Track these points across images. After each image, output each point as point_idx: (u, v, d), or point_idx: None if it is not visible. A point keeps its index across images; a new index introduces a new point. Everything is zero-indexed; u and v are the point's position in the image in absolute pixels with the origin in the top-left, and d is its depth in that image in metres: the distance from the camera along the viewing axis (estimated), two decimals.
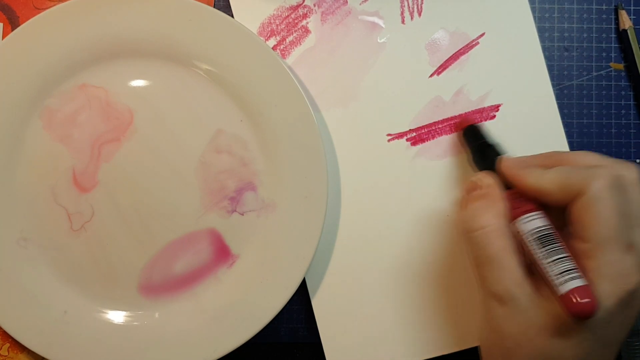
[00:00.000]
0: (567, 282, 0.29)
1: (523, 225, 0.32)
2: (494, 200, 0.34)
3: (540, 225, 0.32)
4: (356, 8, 0.43)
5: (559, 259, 0.31)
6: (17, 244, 0.41)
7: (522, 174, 0.34)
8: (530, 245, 0.32)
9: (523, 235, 0.32)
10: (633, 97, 0.44)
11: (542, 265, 0.31)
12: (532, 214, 0.32)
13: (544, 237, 0.32)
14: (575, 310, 0.29)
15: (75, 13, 0.40)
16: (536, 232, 0.32)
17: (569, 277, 0.30)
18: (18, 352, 0.43)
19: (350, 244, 0.42)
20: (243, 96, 0.41)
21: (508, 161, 0.35)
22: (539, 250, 0.31)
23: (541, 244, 0.31)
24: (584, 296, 0.29)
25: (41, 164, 0.41)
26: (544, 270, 0.31)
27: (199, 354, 0.40)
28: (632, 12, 0.44)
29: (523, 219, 0.33)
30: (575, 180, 0.31)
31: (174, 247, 0.41)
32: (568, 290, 0.29)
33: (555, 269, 0.30)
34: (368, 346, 0.42)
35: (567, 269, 0.30)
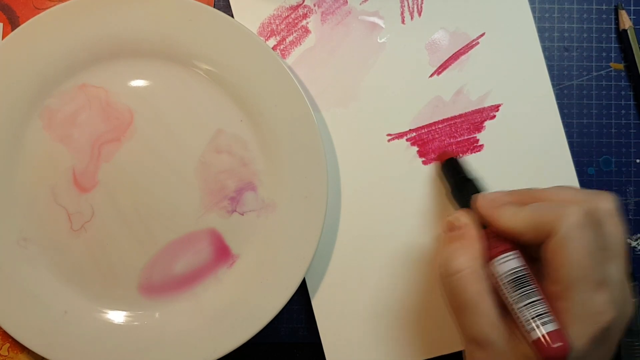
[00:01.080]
0: (539, 327, 0.30)
1: (498, 267, 0.32)
2: (469, 242, 0.33)
3: (514, 267, 0.32)
4: (356, 8, 0.43)
5: (531, 303, 0.31)
6: (17, 244, 0.41)
7: (495, 214, 0.33)
8: (504, 288, 0.32)
9: (498, 277, 0.32)
10: (633, 97, 0.44)
11: (514, 309, 0.31)
12: (507, 255, 0.32)
13: (516, 280, 0.31)
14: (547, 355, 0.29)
15: (75, 13, 0.40)
16: (509, 275, 0.32)
17: (541, 321, 0.30)
18: (18, 352, 0.43)
19: (350, 244, 0.42)
20: (243, 96, 0.41)
21: (482, 199, 0.34)
22: (513, 294, 0.31)
23: (514, 287, 0.31)
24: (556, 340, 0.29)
25: (41, 164, 0.41)
26: (517, 315, 0.31)
27: (199, 354, 0.40)
28: (632, 12, 0.44)
29: (498, 260, 0.32)
30: (545, 220, 0.31)
31: (174, 247, 0.41)
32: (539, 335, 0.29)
33: (527, 313, 0.30)
34: (368, 346, 0.42)
35: (538, 313, 0.30)
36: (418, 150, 0.43)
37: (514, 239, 0.33)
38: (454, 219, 0.35)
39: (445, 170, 0.40)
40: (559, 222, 0.30)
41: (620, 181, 0.44)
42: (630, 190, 0.44)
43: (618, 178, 0.44)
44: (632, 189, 0.44)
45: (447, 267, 0.33)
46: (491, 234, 0.33)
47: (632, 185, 0.44)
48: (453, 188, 0.39)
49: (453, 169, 0.40)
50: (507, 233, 0.33)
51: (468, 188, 0.37)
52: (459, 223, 0.34)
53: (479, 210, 0.34)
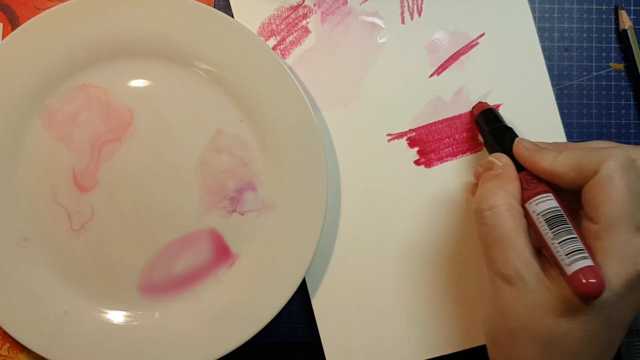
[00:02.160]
0: (575, 262, 0.29)
1: (534, 207, 0.33)
2: (507, 181, 0.34)
3: (551, 207, 0.32)
4: (356, 8, 0.43)
5: (568, 240, 0.31)
6: (17, 244, 0.41)
7: (536, 156, 0.34)
8: (540, 226, 0.32)
9: (534, 216, 0.32)
10: (633, 97, 0.44)
11: (550, 245, 0.31)
12: (544, 196, 0.33)
13: (553, 218, 0.32)
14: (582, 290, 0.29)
15: (75, 13, 0.40)
16: (546, 213, 0.32)
17: (577, 257, 0.30)
18: (18, 352, 0.43)
19: (350, 244, 0.42)
20: (243, 96, 0.41)
21: (523, 142, 0.35)
22: (549, 231, 0.31)
23: (550, 225, 0.31)
24: (592, 276, 0.29)
25: (41, 164, 0.41)
26: (553, 251, 0.31)
27: (199, 354, 0.40)
28: (632, 12, 0.44)
29: (534, 200, 0.33)
30: (589, 160, 0.32)
31: (174, 247, 0.41)
32: (576, 270, 0.29)
33: (563, 249, 0.30)
34: (368, 346, 0.42)
35: (575, 250, 0.30)
36: (418, 150, 0.43)
37: (554, 181, 0.33)
38: (494, 159, 0.36)
39: (482, 121, 0.40)
40: (603, 162, 0.31)
41: None
42: None
43: None
44: None
45: (484, 202, 0.33)
46: (528, 177, 0.34)
47: None
48: (490, 137, 0.39)
49: (489, 119, 0.40)
50: (548, 175, 0.33)
51: (505, 136, 0.37)
52: (497, 163, 0.35)
53: (519, 152, 0.35)
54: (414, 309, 0.42)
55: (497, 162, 0.35)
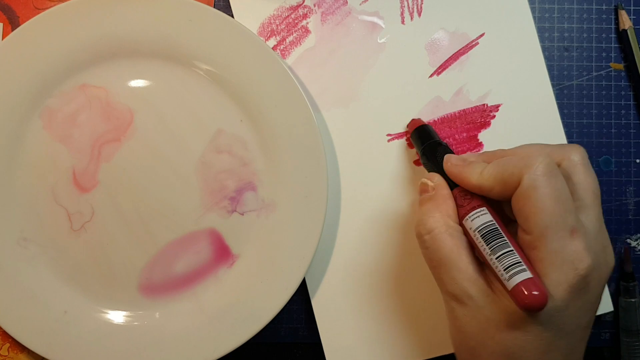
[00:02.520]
0: (514, 276, 0.29)
1: (470, 223, 0.33)
2: (441, 201, 0.34)
3: (485, 222, 0.32)
4: (356, 8, 0.43)
5: (505, 254, 0.30)
6: (17, 244, 0.41)
7: (463, 172, 0.34)
8: (478, 242, 0.32)
9: (471, 232, 0.32)
10: (633, 97, 0.44)
11: (490, 261, 0.31)
12: (478, 211, 0.33)
13: (488, 234, 0.32)
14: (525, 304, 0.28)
15: (75, 13, 0.40)
16: (482, 229, 0.32)
17: (516, 270, 0.29)
18: (18, 352, 0.43)
19: (350, 244, 0.42)
20: (243, 96, 0.41)
21: (451, 159, 0.35)
22: (485, 247, 0.31)
23: (487, 240, 0.31)
24: (532, 289, 0.28)
25: (41, 164, 0.41)
26: (493, 267, 0.31)
27: (199, 354, 0.40)
28: (632, 12, 0.44)
29: (470, 216, 0.33)
30: (510, 172, 0.31)
31: (174, 247, 0.41)
32: (516, 284, 0.29)
33: (501, 264, 0.30)
34: (368, 346, 0.42)
35: (512, 263, 0.30)
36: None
37: (484, 194, 0.33)
38: (426, 180, 0.35)
39: (416, 137, 0.40)
40: (524, 171, 0.30)
41: (620, 181, 0.44)
42: (630, 190, 0.44)
43: (618, 178, 0.44)
44: (632, 189, 0.44)
45: (422, 226, 0.33)
46: (462, 193, 0.34)
47: (632, 185, 0.44)
48: (424, 153, 0.39)
49: (424, 135, 0.40)
50: (477, 189, 0.33)
51: (438, 152, 0.37)
52: (429, 184, 0.35)
53: (450, 170, 0.35)
54: (414, 309, 0.42)
55: (429, 182, 0.35)
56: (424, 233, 0.33)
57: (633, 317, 0.42)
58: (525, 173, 0.30)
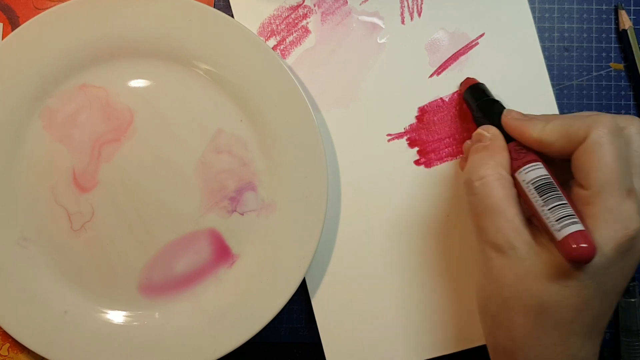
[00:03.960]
0: (565, 227, 0.29)
1: (524, 175, 0.33)
2: (495, 151, 0.34)
3: (540, 175, 0.32)
4: (356, 8, 0.43)
5: (558, 206, 0.30)
6: (17, 244, 0.41)
7: (524, 125, 0.34)
8: (530, 194, 0.32)
9: (523, 185, 0.32)
10: (633, 97, 0.44)
11: (541, 212, 0.31)
12: (533, 164, 0.33)
13: (543, 186, 0.32)
14: (573, 255, 0.28)
15: (75, 13, 0.40)
16: (536, 181, 0.32)
17: (567, 222, 0.30)
18: (18, 352, 0.43)
19: (350, 244, 0.42)
20: (243, 96, 0.41)
21: (512, 113, 0.35)
22: (539, 198, 0.31)
23: (540, 192, 0.31)
24: (582, 241, 0.29)
25: (41, 164, 0.41)
26: (543, 218, 0.31)
27: (199, 354, 0.40)
28: (632, 12, 0.44)
29: (524, 169, 0.33)
30: (577, 127, 0.32)
31: (174, 247, 0.41)
32: (566, 235, 0.29)
33: (553, 215, 0.30)
34: (368, 346, 0.42)
35: (565, 215, 0.30)
36: (418, 150, 0.43)
37: (543, 151, 0.33)
38: (483, 130, 0.36)
39: (471, 95, 0.40)
40: (591, 128, 0.31)
41: None
42: None
43: None
44: None
45: (473, 172, 0.33)
46: (517, 148, 0.34)
47: None
48: (478, 110, 0.39)
49: (477, 94, 0.40)
50: (537, 144, 0.33)
51: (494, 108, 0.37)
52: (487, 135, 0.35)
53: (507, 123, 0.35)
54: (414, 309, 0.42)
55: (485, 133, 0.35)
56: (475, 179, 0.33)
57: (633, 317, 0.42)
58: (592, 129, 0.31)
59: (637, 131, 0.32)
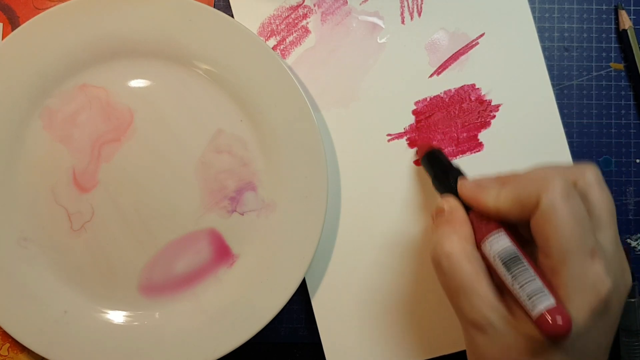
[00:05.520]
0: (537, 304, 0.29)
1: (488, 248, 0.32)
2: (457, 224, 0.33)
3: (504, 247, 0.31)
4: (356, 8, 0.43)
5: (526, 281, 0.30)
6: (17, 244, 0.41)
7: (479, 196, 0.33)
8: (498, 268, 0.31)
9: (490, 258, 0.32)
10: (633, 97, 0.44)
11: (511, 287, 0.30)
12: (495, 234, 0.32)
13: (508, 259, 0.31)
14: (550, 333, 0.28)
15: (75, 13, 0.40)
16: (501, 254, 0.31)
17: (538, 298, 0.29)
18: (18, 352, 0.43)
19: (350, 244, 0.42)
20: (243, 96, 0.41)
21: (465, 183, 0.34)
22: (507, 273, 0.31)
23: (507, 266, 0.31)
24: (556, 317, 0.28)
25: (41, 164, 0.41)
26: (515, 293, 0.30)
27: (199, 354, 0.40)
28: (632, 12, 0.44)
29: (487, 241, 0.32)
30: (528, 194, 0.31)
31: (174, 247, 0.41)
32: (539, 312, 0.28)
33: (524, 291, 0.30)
34: (368, 346, 0.42)
35: (534, 291, 0.29)
36: (418, 150, 0.43)
37: (501, 218, 0.32)
38: (442, 203, 0.35)
39: (428, 161, 0.40)
40: (542, 193, 0.30)
41: (620, 181, 0.44)
42: (630, 190, 0.44)
43: (618, 178, 0.44)
44: (632, 189, 0.44)
45: (438, 250, 0.33)
46: (478, 217, 0.33)
47: (632, 185, 0.44)
48: (436, 177, 0.38)
49: (435, 159, 0.39)
50: (494, 213, 0.32)
51: (451, 176, 0.36)
52: (446, 207, 0.34)
53: (464, 194, 0.34)
54: (414, 308, 0.42)
55: (445, 206, 0.34)
56: (442, 257, 0.32)
57: (633, 317, 0.42)
58: (542, 195, 0.30)
59: (593, 180, 0.32)
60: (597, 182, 0.32)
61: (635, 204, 0.44)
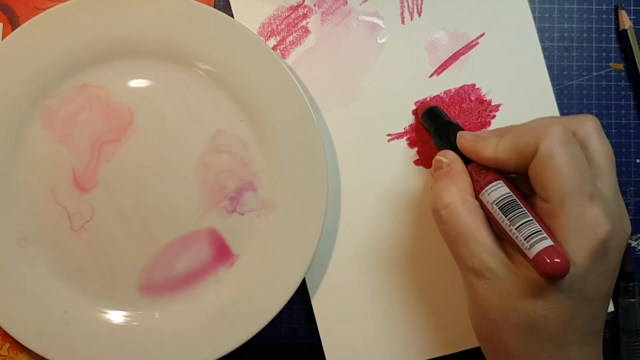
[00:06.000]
0: (535, 245, 0.29)
1: (487, 197, 0.33)
2: (456, 176, 0.34)
3: (503, 194, 0.32)
4: (356, 8, 0.43)
5: (524, 223, 0.30)
6: (17, 244, 0.41)
7: (478, 147, 0.34)
8: (496, 214, 0.32)
9: (488, 206, 0.32)
10: (633, 97, 0.44)
11: (509, 232, 0.31)
12: (494, 184, 0.32)
13: (507, 205, 0.31)
14: (547, 272, 0.28)
15: (75, 13, 0.40)
16: (499, 201, 0.32)
17: (536, 239, 0.29)
18: (18, 352, 0.43)
19: (350, 244, 0.42)
20: (243, 96, 0.41)
21: (464, 135, 0.35)
22: (504, 218, 0.31)
23: (505, 212, 0.31)
24: (554, 256, 0.28)
25: (41, 164, 0.41)
26: (513, 237, 0.31)
27: (199, 354, 0.40)
28: (632, 12, 0.44)
29: (486, 190, 0.33)
30: (527, 142, 0.31)
31: (174, 247, 0.41)
32: (537, 252, 0.29)
33: (521, 234, 0.30)
34: (368, 346, 0.42)
35: (532, 232, 0.30)
36: (418, 150, 0.43)
37: (499, 167, 0.33)
38: (440, 157, 0.35)
39: (427, 119, 0.40)
40: (541, 140, 0.31)
41: (620, 181, 0.44)
42: (630, 190, 0.44)
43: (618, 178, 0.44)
44: (632, 189, 0.44)
45: (438, 201, 0.33)
46: (477, 168, 0.34)
47: (632, 185, 0.44)
48: (435, 135, 0.38)
49: (435, 116, 0.40)
50: (493, 163, 0.33)
51: (451, 131, 0.37)
52: (445, 160, 0.35)
53: (463, 146, 0.35)
54: (414, 309, 0.42)
55: (443, 159, 0.35)
56: (441, 208, 0.33)
57: (633, 317, 0.42)
58: (541, 141, 0.30)
59: (593, 130, 0.32)
60: (596, 132, 0.32)
61: (635, 204, 0.44)
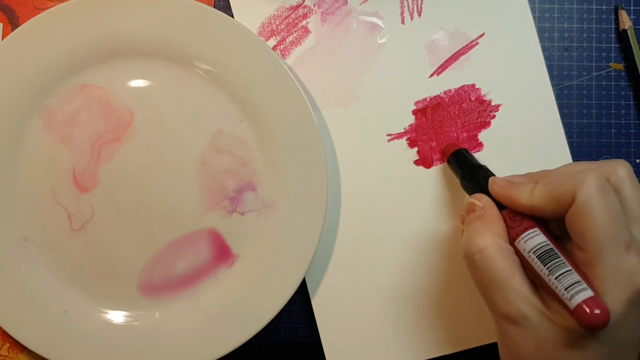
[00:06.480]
0: (575, 295, 0.29)
1: (523, 244, 0.32)
2: (491, 221, 0.33)
3: (540, 242, 0.32)
4: (356, 8, 0.43)
5: (563, 274, 0.30)
6: (17, 244, 0.41)
7: (512, 194, 0.33)
8: (533, 263, 0.31)
9: (525, 254, 0.32)
10: (633, 97, 0.44)
11: (548, 281, 0.31)
12: (531, 232, 0.32)
13: (545, 254, 0.31)
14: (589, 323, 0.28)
15: (75, 13, 0.40)
16: (537, 250, 0.31)
17: (576, 290, 0.29)
18: (18, 352, 0.43)
19: (350, 244, 0.42)
20: (243, 96, 0.41)
21: (497, 182, 0.35)
22: (543, 267, 0.31)
23: (543, 261, 0.31)
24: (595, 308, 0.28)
25: (41, 164, 0.41)
26: (552, 286, 0.31)
27: (199, 354, 0.40)
28: (632, 12, 0.44)
29: (523, 237, 0.32)
30: (563, 190, 0.31)
31: (174, 247, 0.41)
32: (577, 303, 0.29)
33: (561, 284, 0.30)
34: (368, 346, 0.42)
35: (572, 283, 0.30)
36: (418, 150, 0.43)
37: (535, 214, 0.33)
38: (474, 200, 0.35)
39: (454, 161, 0.40)
40: (578, 189, 0.30)
41: None
42: None
43: None
44: None
45: (471, 245, 0.33)
46: (511, 215, 0.34)
47: None
48: (465, 176, 0.38)
49: (462, 159, 0.39)
50: (528, 210, 0.33)
51: (480, 175, 0.37)
52: (479, 204, 0.34)
53: (496, 192, 0.34)
54: (414, 309, 0.42)
55: (477, 202, 0.35)
56: (475, 252, 0.32)
57: None
58: (578, 190, 0.30)
59: (625, 176, 0.32)
60: (629, 178, 0.32)
61: None
